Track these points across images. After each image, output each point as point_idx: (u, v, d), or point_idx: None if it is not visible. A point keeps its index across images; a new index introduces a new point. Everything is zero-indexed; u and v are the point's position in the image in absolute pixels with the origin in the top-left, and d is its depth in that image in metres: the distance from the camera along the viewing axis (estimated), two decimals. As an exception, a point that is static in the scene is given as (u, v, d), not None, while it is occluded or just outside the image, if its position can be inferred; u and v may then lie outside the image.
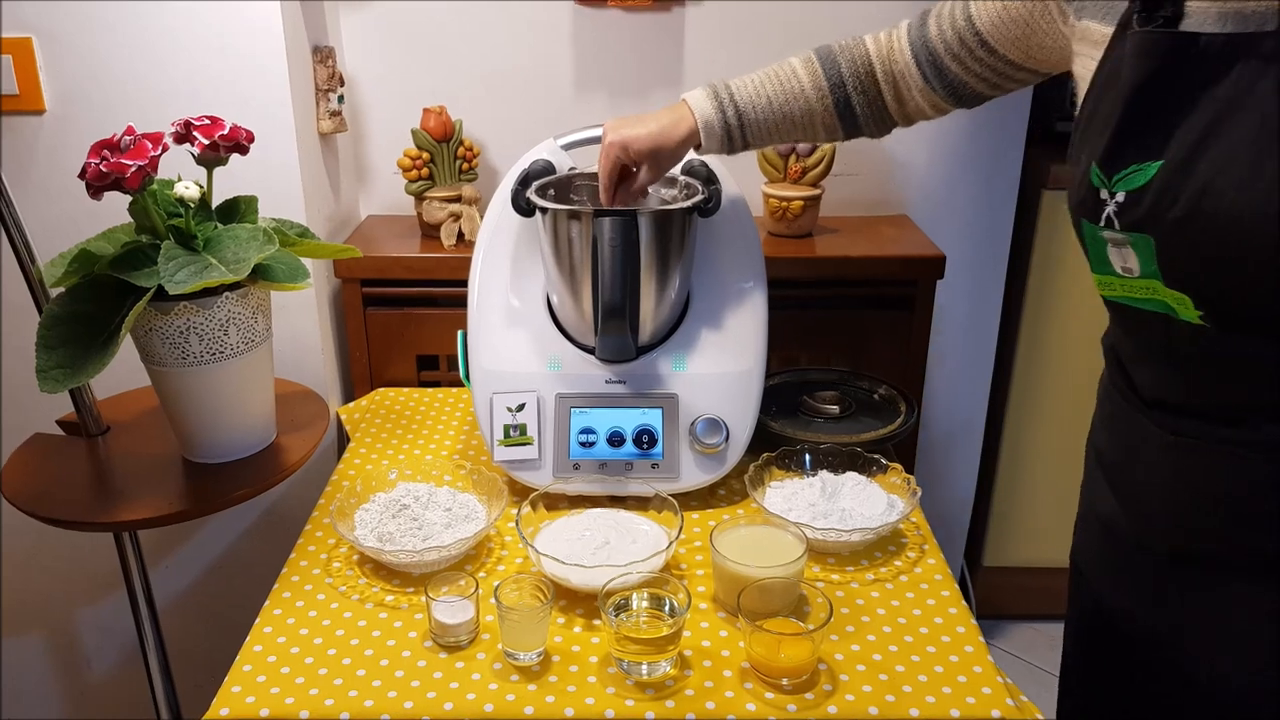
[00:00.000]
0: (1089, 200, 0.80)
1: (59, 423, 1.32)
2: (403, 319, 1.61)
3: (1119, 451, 0.94)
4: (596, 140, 1.29)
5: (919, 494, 1.17)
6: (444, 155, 1.63)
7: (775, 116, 1.12)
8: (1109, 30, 0.83)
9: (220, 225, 1.18)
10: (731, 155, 1.16)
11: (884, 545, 1.15)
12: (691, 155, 1.26)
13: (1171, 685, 0.91)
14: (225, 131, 1.15)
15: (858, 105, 1.11)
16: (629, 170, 1.15)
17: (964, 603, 1.06)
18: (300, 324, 1.54)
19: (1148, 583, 0.92)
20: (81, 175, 1.09)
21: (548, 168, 1.26)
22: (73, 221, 1.39)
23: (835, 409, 1.38)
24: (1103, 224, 0.79)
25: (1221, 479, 0.82)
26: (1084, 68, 0.87)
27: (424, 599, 1.01)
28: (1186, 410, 0.83)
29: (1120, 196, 0.77)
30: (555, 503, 1.17)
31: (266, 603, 1.07)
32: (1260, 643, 0.83)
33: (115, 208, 1.15)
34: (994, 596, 2.20)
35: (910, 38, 1.08)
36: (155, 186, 1.14)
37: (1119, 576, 0.96)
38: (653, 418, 1.21)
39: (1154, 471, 0.87)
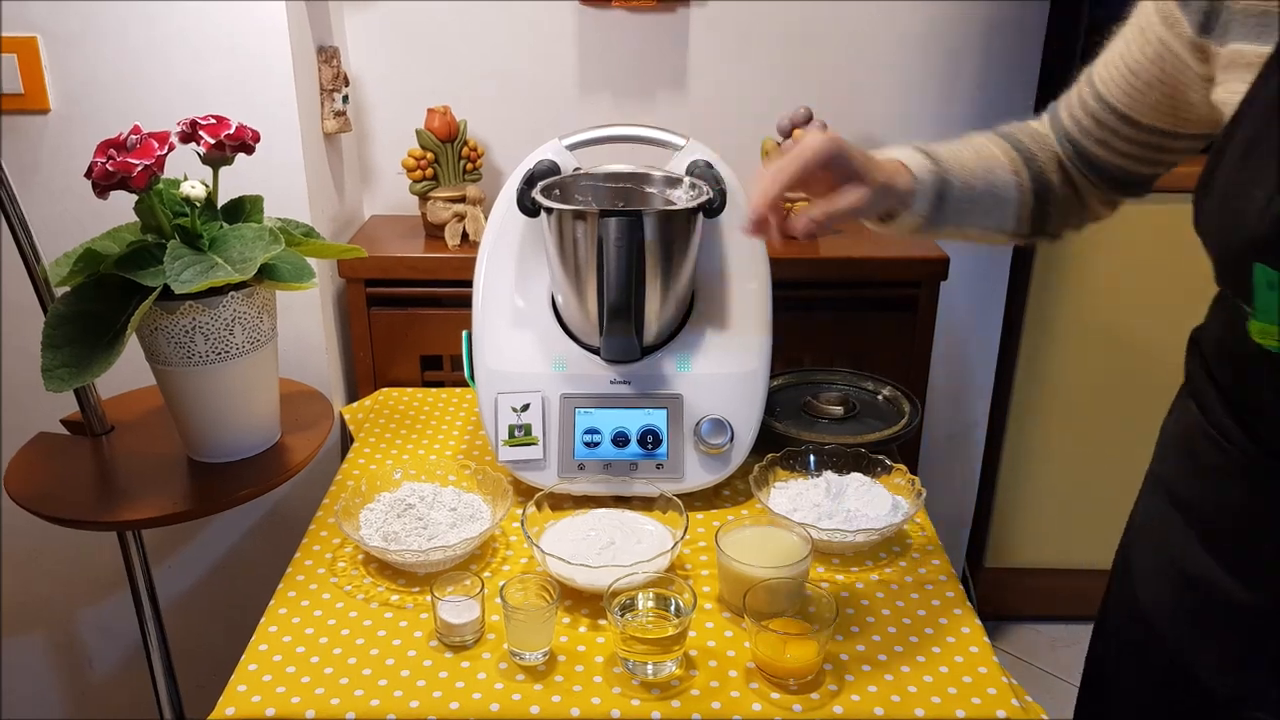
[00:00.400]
0: (1271, 240, 0.68)
1: (63, 422, 1.32)
2: (407, 319, 1.61)
3: (1228, 514, 0.84)
4: (601, 140, 1.30)
5: (924, 495, 1.17)
6: (448, 155, 1.64)
7: (980, 188, 0.92)
8: (1266, 49, 0.72)
9: (226, 225, 1.18)
10: (925, 231, 0.94)
11: (888, 546, 1.15)
12: (697, 155, 1.26)
13: None
14: (231, 131, 1.15)
15: (1056, 193, 0.95)
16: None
17: (969, 603, 1.06)
18: (305, 324, 1.54)
19: (1246, 641, 0.84)
20: (88, 174, 1.09)
21: (553, 168, 1.26)
22: (77, 221, 1.39)
23: (839, 410, 1.39)
24: None
25: None
26: (1231, 93, 0.76)
27: (429, 599, 1.01)
28: None
29: None
30: (560, 503, 1.17)
31: (272, 602, 1.07)
32: None
33: (120, 207, 1.15)
34: (995, 597, 2.20)
35: (1051, 130, 0.95)
36: (161, 186, 1.14)
37: (1223, 635, 0.86)
38: (657, 418, 1.21)
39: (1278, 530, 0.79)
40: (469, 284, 1.28)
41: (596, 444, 1.21)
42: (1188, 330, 0.92)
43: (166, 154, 1.10)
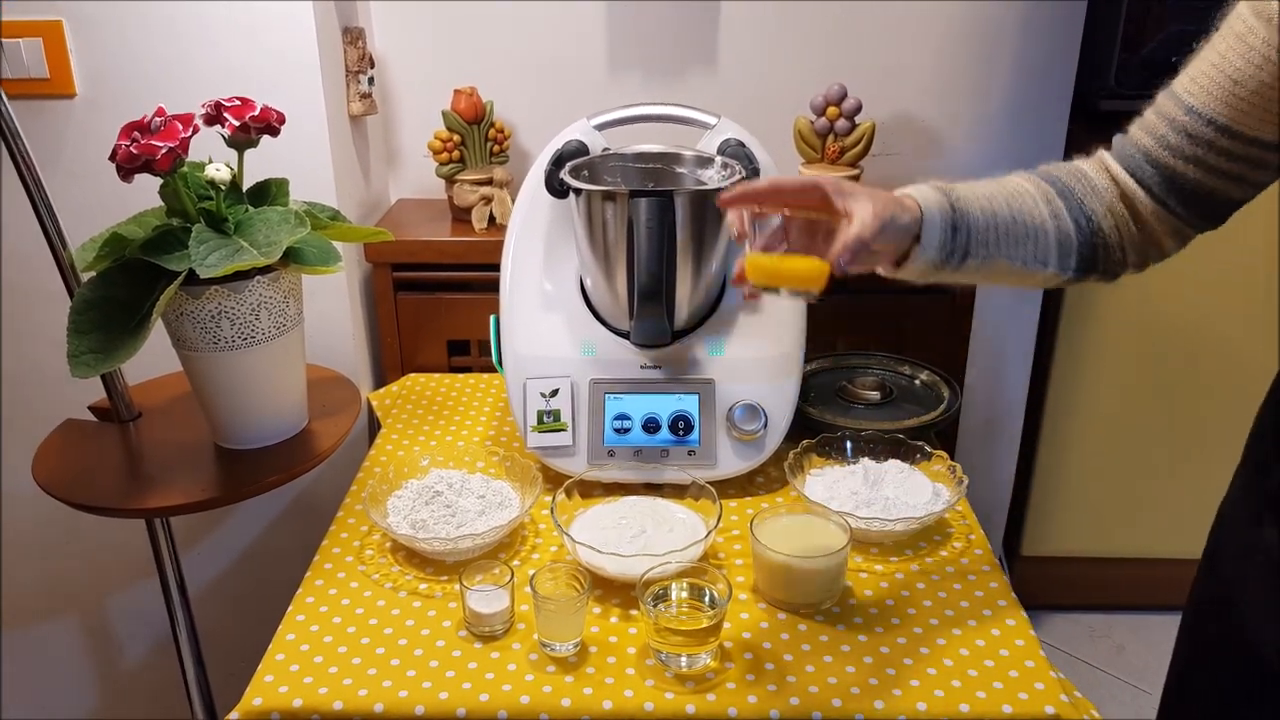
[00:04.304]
0: None
1: (91, 408, 1.31)
2: (434, 304, 1.59)
3: None
4: (631, 120, 1.27)
5: (965, 482, 1.14)
6: (475, 137, 1.61)
7: (1004, 219, 0.87)
8: None
9: (251, 208, 1.16)
10: (938, 275, 0.89)
11: (928, 535, 1.12)
12: (728, 134, 1.23)
13: None
14: (256, 113, 1.13)
15: (1102, 225, 0.89)
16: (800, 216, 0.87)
17: (1013, 595, 1.03)
18: (331, 309, 1.53)
19: None
20: (112, 157, 1.07)
21: (581, 148, 1.23)
22: (103, 206, 1.37)
23: (876, 395, 1.35)
24: None
25: None
26: None
27: (458, 588, 0.99)
28: None
29: None
30: (590, 490, 1.15)
31: (299, 591, 1.05)
32: None
33: (146, 191, 1.14)
34: (1032, 586, 2.15)
35: (1124, 162, 0.88)
36: (186, 169, 1.13)
37: None
38: (689, 403, 1.19)
39: None
40: (496, 268, 1.26)
41: (627, 430, 1.18)
42: (1231, 313, 0.88)
43: (191, 136, 1.08)
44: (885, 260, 0.87)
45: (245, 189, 1.18)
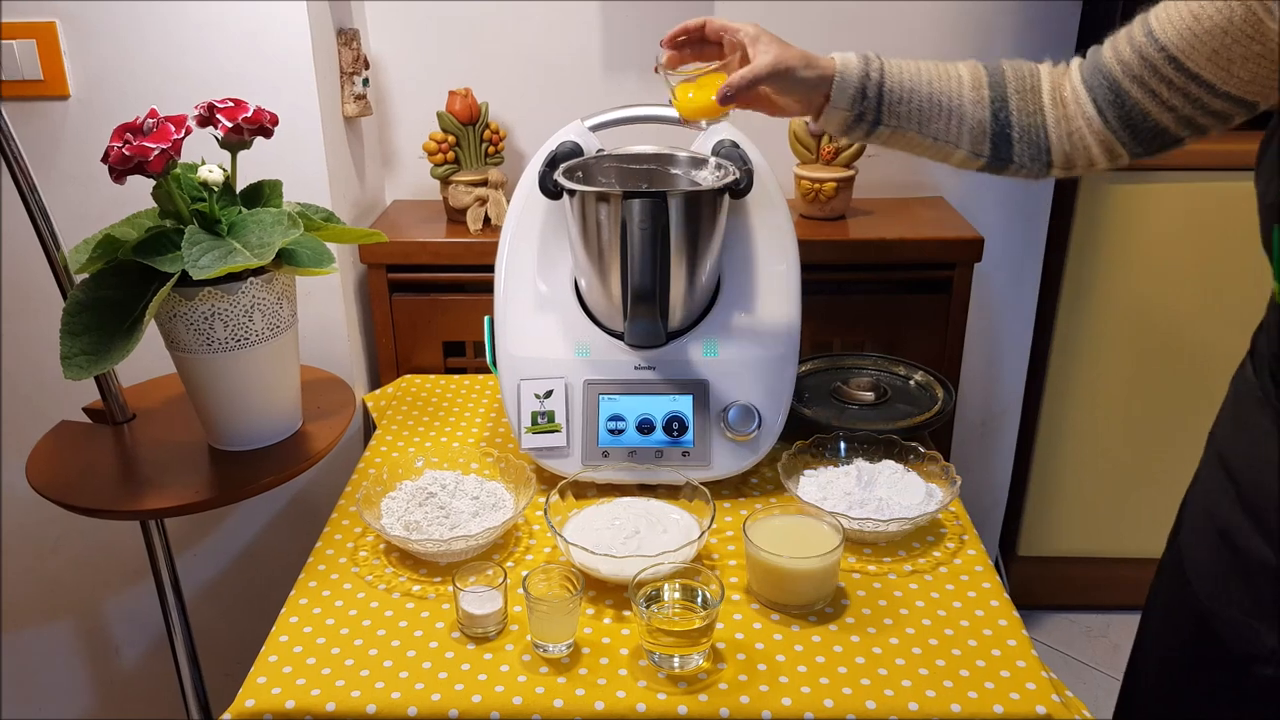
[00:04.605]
0: None
1: (86, 410, 1.31)
2: (429, 305, 1.59)
3: (1259, 466, 0.85)
4: (625, 121, 1.27)
5: (959, 483, 1.14)
6: (470, 138, 1.61)
7: (921, 96, 0.96)
8: None
9: (244, 209, 1.16)
10: (852, 134, 0.99)
11: (922, 535, 1.12)
12: (723, 135, 1.23)
13: (1274, 706, 0.85)
14: (249, 114, 1.14)
15: (1015, 119, 0.95)
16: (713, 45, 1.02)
17: (1006, 595, 1.03)
18: (326, 310, 1.53)
19: (1265, 599, 0.85)
20: (104, 159, 1.07)
21: (575, 149, 1.23)
22: (99, 207, 1.38)
23: (870, 395, 1.35)
24: None
25: None
26: None
27: (451, 589, 0.99)
28: None
29: None
30: (584, 491, 1.15)
31: (292, 593, 1.05)
32: None
33: (141, 193, 1.14)
34: (1029, 586, 2.16)
35: (1083, 69, 0.94)
36: (179, 170, 1.13)
37: (1238, 592, 0.88)
38: (683, 404, 1.19)
39: None
40: (492, 269, 1.26)
41: (621, 431, 1.18)
42: (1226, 313, 0.91)
43: (183, 138, 1.08)
44: (799, 109, 1.00)
45: (239, 190, 1.18)
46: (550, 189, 1.16)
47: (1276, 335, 0.84)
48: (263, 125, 1.15)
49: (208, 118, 1.13)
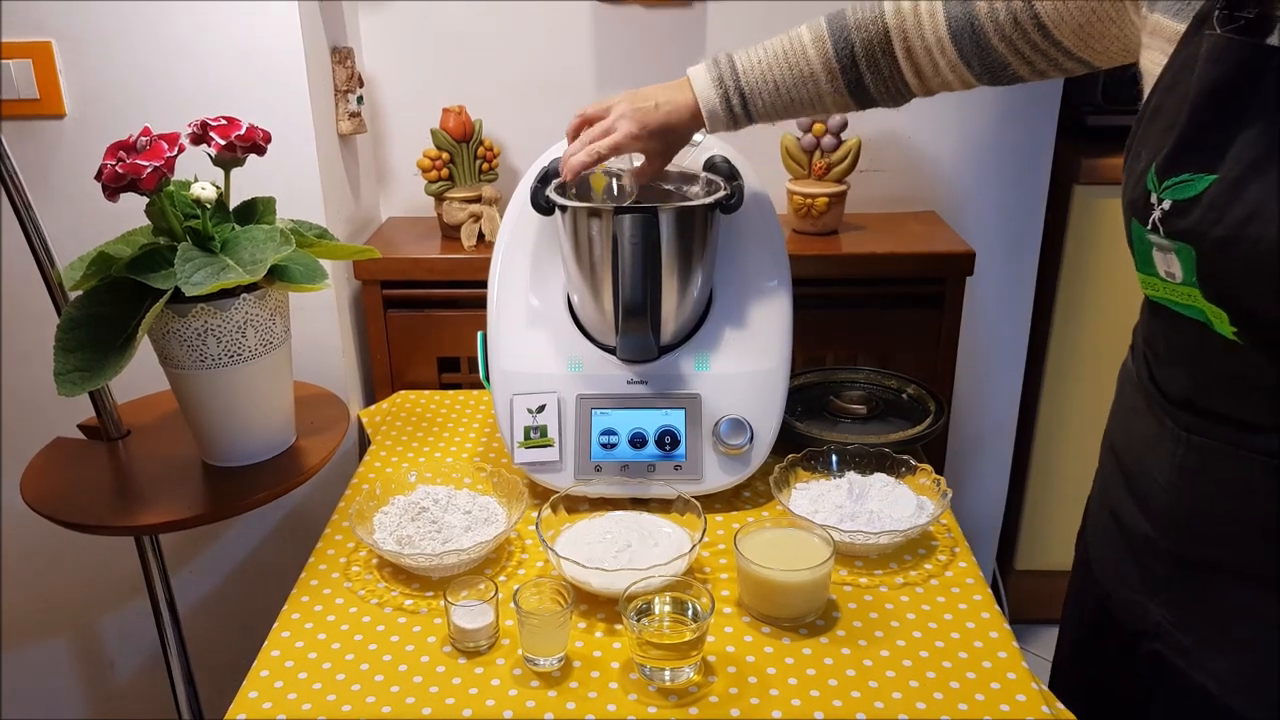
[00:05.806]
0: (1140, 201, 0.77)
1: (80, 427, 1.32)
2: (424, 321, 1.60)
3: (1137, 448, 0.91)
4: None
5: (949, 495, 1.14)
6: (464, 155, 1.62)
7: (783, 101, 1.09)
8: (1181, 27, 0.78)
9: (238, 226, 1.17)
10: (737, 130, 1.14)
11: (913, 548, 1.12)
12: (714, 151, 1.24)
13: (1170, 683, 0.89)
14: (242, 132, 1.15)
15: (871, 83, 1.07)
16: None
17: (997, 607, 1.03)
18: (320, 326, 1.53)
19: (1157, 578, 0.89)
20: (97, 177, 1.08)
21: (567, 165, 1.23)
22: (94, 225, 1.38)
23: (862, 409, 1.36)
24: (1149, 227, 0.76)
25: (1238, 484, 0.79)
26: (1152, 62, 0.82)
27: (443, 603, 1.00)
28: (1212, 414, 0.80)
29: (1167, 204, 0.74)
30: (576, 505, 1.15)
31: (285, 607, 1.05)
32: (1260, 652, 0.81)
33: (136, 211, 1.14)
34: (1027, 601, 2.15)
35: (949, 12, 1.01)
36: (172, 188, 1.13)
37: (1128, 570, 0.93)
38: (675, 418, 1.19)
39: (1171, 471, 0.84)
40: (485, 285, 1.26)
41: (613, 445, 1.19)
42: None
43: (176, 155, 1.09)
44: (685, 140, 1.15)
45: (232, 207, 1.19)
46: (542, 204, 1.17)
47: (1145, 322, 0.91)
48: (256, 143, 1.16)
49: (201, 136, 1.14)
